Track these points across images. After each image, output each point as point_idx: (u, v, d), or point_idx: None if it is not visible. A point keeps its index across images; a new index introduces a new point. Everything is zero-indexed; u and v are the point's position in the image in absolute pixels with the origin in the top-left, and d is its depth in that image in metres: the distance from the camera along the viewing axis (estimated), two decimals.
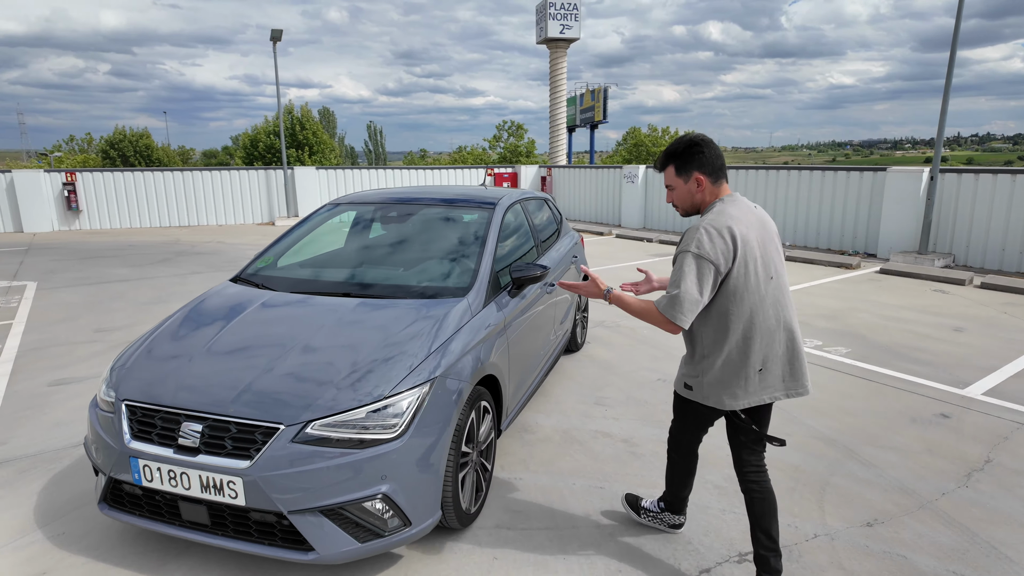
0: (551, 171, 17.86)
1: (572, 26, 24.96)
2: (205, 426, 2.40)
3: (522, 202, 4.40)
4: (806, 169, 11.73)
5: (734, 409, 2.31)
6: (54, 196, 14.97)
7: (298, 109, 38.10)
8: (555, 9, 24.45)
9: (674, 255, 2.23)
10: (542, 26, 25.28)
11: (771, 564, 2.38)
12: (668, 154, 2.29)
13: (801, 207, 11.66)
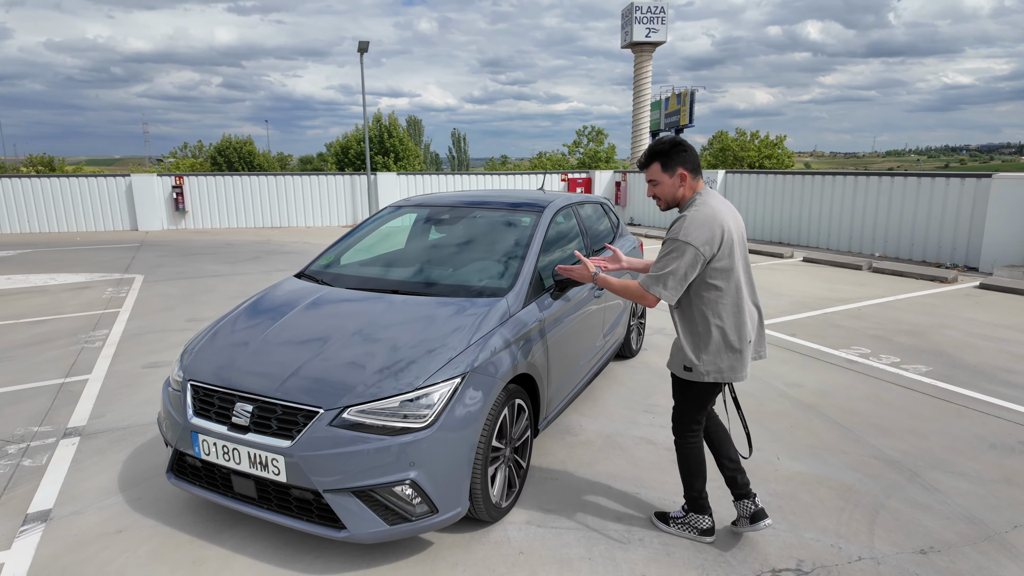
0: (626, 176, 17.67)
1: (658, 30, 24.54)
2: (255, 407, 2.62)
3: (575, 206, 4.43)
4: (899, 175, 10.98)
5: (733, 382, 2.59)
6: (164, 198, 16.43)
7: (386, 118, 39.81)
8: (641, 13, 24.12)
9: (664, 239, 2.53)
10: (627, 30, 25.01)
11: (739, 480, 2.78)
12: (654, 152, 2.56)
13: (893, 216, 10.91)
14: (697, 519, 2.84)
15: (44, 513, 3.07)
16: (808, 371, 5.13)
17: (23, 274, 9.88)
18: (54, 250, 12.78)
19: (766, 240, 13.36)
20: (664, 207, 2.67)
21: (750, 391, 4.66)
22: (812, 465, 3.56)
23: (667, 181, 2.57)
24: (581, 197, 4.75)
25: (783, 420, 4.17)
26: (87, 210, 16.21)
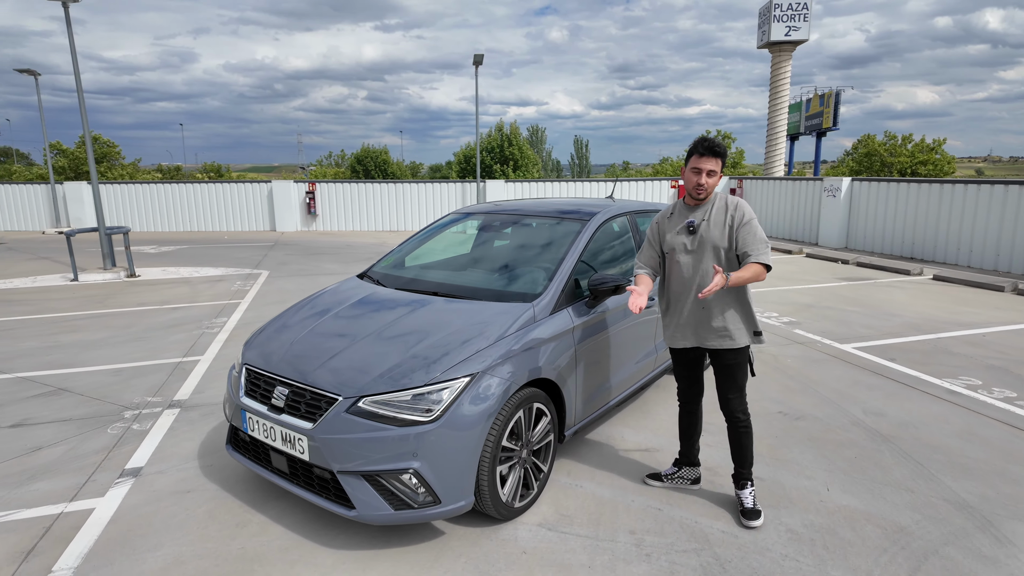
0: (742, 183, 16.81)
1: (800, 27, 22.99)
2: (290, 391, 2.93)
3: (633, 215, 4.39)
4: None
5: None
6: (299, 202, 18.16)
7: (507, 127, 40.93)
8: (781, 11, 22.70)
9: (736, 224, 2.88)
10: (764, 30, 23.68)
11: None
12: (722, 151, 2.85)
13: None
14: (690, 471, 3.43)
15: (136, 470, 3.62)
16: (896, 400, 4.66)
17: (176, 267, 11.43)
18: (206, 247, 14.60)
19: (892, 255, 12.13)
20: (704, 196, 2.94)
21: (819, 415, 4.35)
22: (866, 500, 3.27)
23: (718, 176, 2.90)
24: (645, 206, 4.70)
25: (847, 450, 3.85)
26: (236, 212, 18.32)
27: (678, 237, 2.99)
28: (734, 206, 2.92)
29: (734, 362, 3.02)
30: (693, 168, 2.89)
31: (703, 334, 3.01)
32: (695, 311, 2.99)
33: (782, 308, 7.66)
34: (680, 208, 3.07)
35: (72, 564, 2.75)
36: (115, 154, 43.61)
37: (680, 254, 2.98)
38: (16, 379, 5.22)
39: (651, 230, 3.15)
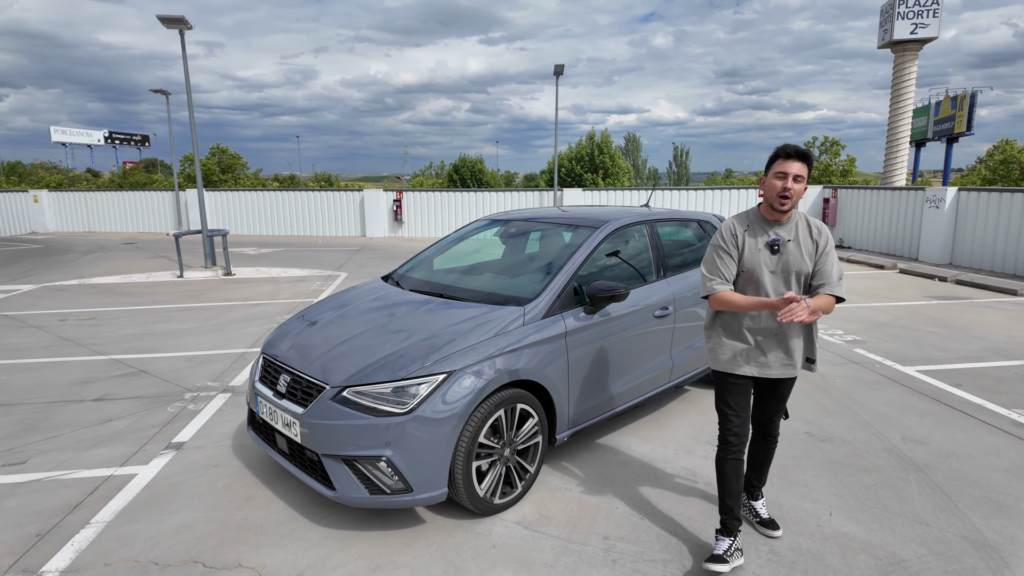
0: (836, 192, 15.76)
1: (928, 24, 20.94)
2: (291, 378, 3.22)
3: (652, 224, 4.36)
4: None
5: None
6: (387, 209, 19.14)
7: (599, 135, 40.77)
8: (906, 7, 20.77)
9: (820, 250, 2.65)
10: (886, 28, 21.81)
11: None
12: (810, 157, 2.57)
13: None
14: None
15: (180, 444, 4.07)
16: (946, 428, 4.28)
17: (267, 267, 12.46)
18: (300, 249, 15.77)
19: (997, 271, 10.92)
20: (788, 208, 2.59)
21: (849, 439, 4.09)
22: (869, 529, 3.08)
23: (805, 184, 2.60)
24: (670, 214, 4.64)
25: (868, 477, 3.61)
26: (332, 218, 19.61)
27: (759, 255, 2.64)
28: (818, 229, 2.67)
29: (789, 390, 2.88)
30: (778, 173, 2.54)
31: (770, 363, 2.73)
32: (769, 338, 2.70)
33: (850, 326, 7.18)
34: (757, 220, 2.70)
35: (106, 519, 3.18)
36: (240, 164, 47.91)
37: (763, 274, 2.64)
38: (109, 360, 5.99)
39: (724, 241, 2.70)
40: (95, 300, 9.15)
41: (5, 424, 4.43)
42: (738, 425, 2.77)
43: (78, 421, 4.47)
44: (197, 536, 3.03)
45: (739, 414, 2.78)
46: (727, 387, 2.79)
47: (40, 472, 3.69)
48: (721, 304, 2.65)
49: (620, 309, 3.77)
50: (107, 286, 10.34)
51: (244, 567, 2.80)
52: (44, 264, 13.16)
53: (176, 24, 10.46)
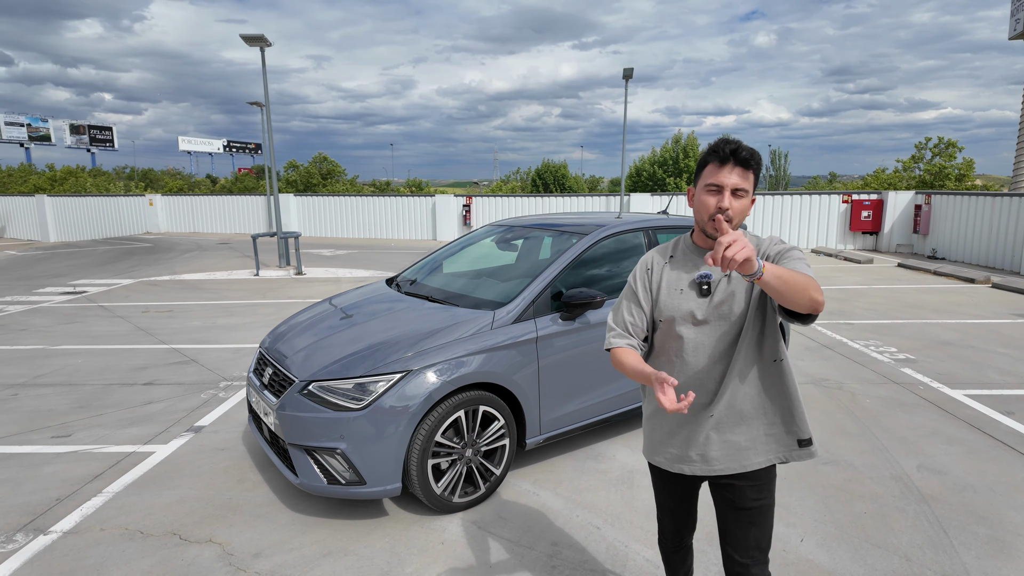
0: (930, 199, 14.48)
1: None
2: (273, 371, 3.47)
3: (650, 230, 4.27)
4: None
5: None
6: (457, 214, 19.65)
7: (685, 138, 39.67)
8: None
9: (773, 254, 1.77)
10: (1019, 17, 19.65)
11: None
12: (758, 160, 1.77)
13: None
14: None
15: (199, 428, 4.46)
16: (974, 459, 3.90)
17: (336, 268, 13.18)
18: (371, 252, 16.52)
19: None
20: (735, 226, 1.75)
21: (856, 463, 3.83)
22: (840, 560, 2.89)
23: (750, 199, 1.80)
24: (676, 221, 4.53)
25: (860, 504, 3.37)
26: (405, 222, 20.39)
27: (682, 298, 1.85)
28: (766, 248, 1.80)
29: (757, 501, 1.87)
30: (709, 186, 1.76)
31: (711, 451, 1.87)
32: (703, 413, 1.86)
33: (908, 343, 6.63)
34: (686, 250, 1.91)
35: (115, 490, 3.56)
36: (338, 171, 50.82)
37: (684, 326, 1.84)
38: (169, 349, 6.62)
39: (636, 279, 1.94)
40: (178, 294, 10.08)
41: (66, 401, 5.03)
42: (670, 530, 2.12)
43: (124, 402, 5.00)
44: (185, 511, 3.33)
45: (672, 517, 2.09)
46: (657, 483, 2.09)
47: (79, 445, 4.18)
48: (616, 366, 1.86)
49: (601, 317, 3.75)
50: (192, 282, 11.36)
51: (213, 542, 3.05)
52: (148, 261, 14.62)
53: (257, 42, 11.33)
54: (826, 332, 7.16)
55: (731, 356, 1.83)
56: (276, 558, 2.92)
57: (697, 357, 1.85)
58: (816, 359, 6.08)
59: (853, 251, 15.24)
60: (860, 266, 13.00)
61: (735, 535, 1.89)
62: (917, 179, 39.35)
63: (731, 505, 1.90)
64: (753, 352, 1.83)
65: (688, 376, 1.86)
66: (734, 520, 1.90)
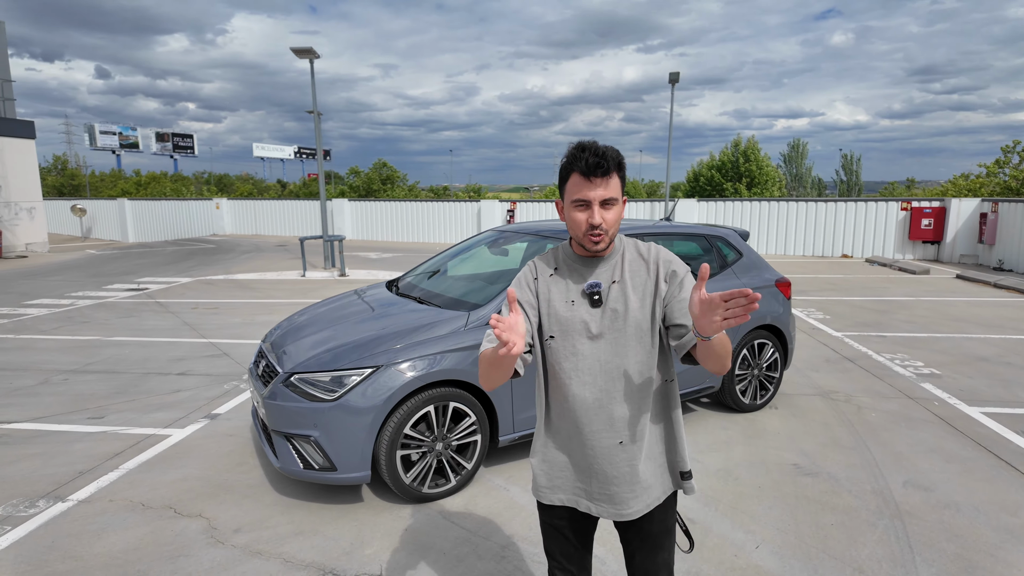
0: (997, 206, 13.61)
1: None
2: (266, 363, 3.76)
3: (639, 237, 4.34)
4: None
5: None
6: (502, 218, 19.91)
7: (745, 142, 38.65)
8: None
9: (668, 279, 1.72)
10: None
11: None
12: (619, 161, 1.67)
13: None
14: None
15: (215, 415, 4.84)
16: (968, 477, 3.75)
17: (378, 271, 13.66)
18: (416, 255, 17.00)
19: None
20: (604, 245, 1.70)
21: (839, 476, 3.77)
22: (789, 567, 2.89)
23: (620, 203, 1.71)
24: (670, 228, 4.57)
25: (831, 516, 3.33)
26: (452, 226, 20.84)
27: (574, 311, 1.72)
28: (654, 255, 1.76)
29: (660, 528, 1.82)
30: (576, 201, 1.66)
31: (609, 488, 1.74)
32: (600, 446, 1.73)
33: (937, 357, 6.34)
34: (567, 260, 1.79)
35: (131, 467, 3.94)
36: (397, 176, 52.35)
37: (579, 339, 1.72)
38: (207, 343, 7.12)
39: (523, 284, 1.80)
40: (228, 292, 10.76)
41: (107, 387, 5.54)
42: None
43: (156, 390, 5.46)
44: (184, 488, 3.66)
45: (567, 561, 1.89)
46: (548, 522, 1.89)
47: (108, 426, 4.62)
48: (480, 366, 1.69)
49: None
50: (244, 281, 12.07)
51: (203, 517, 3.35)
52: (208, 261, 15.60)
53: (306, 54, 11.96)
54: (852, 344, 6.94)
55: (629, 376, 1.71)
56: (253, 534, 3.18)
57: (595, 377, 1.70)
58: (832, 371, 5.92)
59: (910, 261, 14.50)
60: (914, 277, 12.38)
61: (644, 565, 1.85)
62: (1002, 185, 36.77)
63: (639, 535, 1.82)
64: (651, 370, 1.73)
65: (579, 396, 1.71)
66: (643, 549, 1.83)
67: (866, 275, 12.77)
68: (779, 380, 4.93)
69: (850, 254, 16.15)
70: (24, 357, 6.58)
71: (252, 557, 2.98)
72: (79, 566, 2.91)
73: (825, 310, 8.93)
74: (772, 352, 4.82)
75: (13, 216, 17.82)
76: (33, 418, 4.80)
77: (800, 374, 5.83)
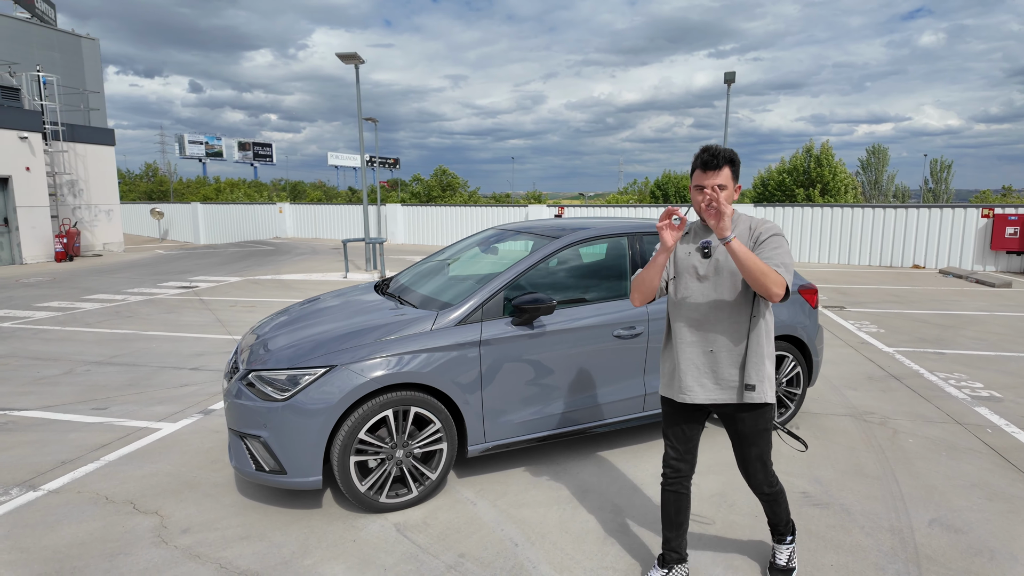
0: None
1: None
2: (235, 361, 3.67)
3: (634, 236, 3.99)
4: None
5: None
6: None
7: (818, 147, 37.05)
8: None
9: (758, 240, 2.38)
10: None
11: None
12: (730, 158, 2.36)
13: None
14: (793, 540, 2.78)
15: (209, 411, 4.83)
16: (1012, 519, 3.20)
17: None
18: None
19: None
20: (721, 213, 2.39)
21: (854, 510, 3.30)
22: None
23: (731, 188, 2.37)
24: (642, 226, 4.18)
25: (833, 556, 2.89)
26: None
27: (689, 260, 2.46)
28: (758, 226, 2.42)
29: (753, 427, 2.45)
30: (696, 186, 2.35)
31: (709, 385, 2.43)
32: (700, 353, 2.44)
33: (1002, 379, 5.60)
34: (697, 228, 2.53)
35: (111, 459, 3.95)
36: (458, 184, 53.12)
37: (690, 280, 2.45)
38: (230, 340, 7.24)
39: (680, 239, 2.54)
40: (269, 292, 11.02)
41: (122, 379, 5.67)
42: (674, 458, 2.57)
43: (166, 383, 5.54)
44: (151, 483, 3.62)
45: (674, 445, 2.57)
46: (666, 413, 2.61)
47: (107, 417, 4.69)
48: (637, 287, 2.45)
49: (559, 323, 3.56)
50: (288, 281, 12.36)
51: (157, 514, 3.28)
52: (263, 262, 16.14)
53: (351, 60, 12.16)
54: (903, 361, 6.26)
55: (722, 307, 2.39)
56: (200, 535, 3.07)
57: (698, 306, 2.43)
58: (872, 390, 5.32)
59: (991, 273, 13.18)
60: (992, 290, 11.21)
61: (742, 455, 2.54)
62: None
63: (735, 433, 2.52)
64: (738, 306, 2.38)
65: (689, 318, 2.45)
66: (738, 444, 2.53)
67: (936, 287, 11.67)
68: (801, 397, 4.44)
69: (922, 264, 14.88)
70: (60, 348, 6.88)
71: (189, 560, 2.87)
72: (22, 558, 2.88)
73: (880, 323, 8.16)
74: (793, 366, 4.35)
75: (92, 217, 19.09)
76: (43, 406, 4.95)
77: (834, 391, 5.27)
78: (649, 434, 4.33)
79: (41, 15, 20.78)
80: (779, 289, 2.20)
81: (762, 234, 2.38)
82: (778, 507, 2.63)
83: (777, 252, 2.30)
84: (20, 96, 17.33)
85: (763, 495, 2.59)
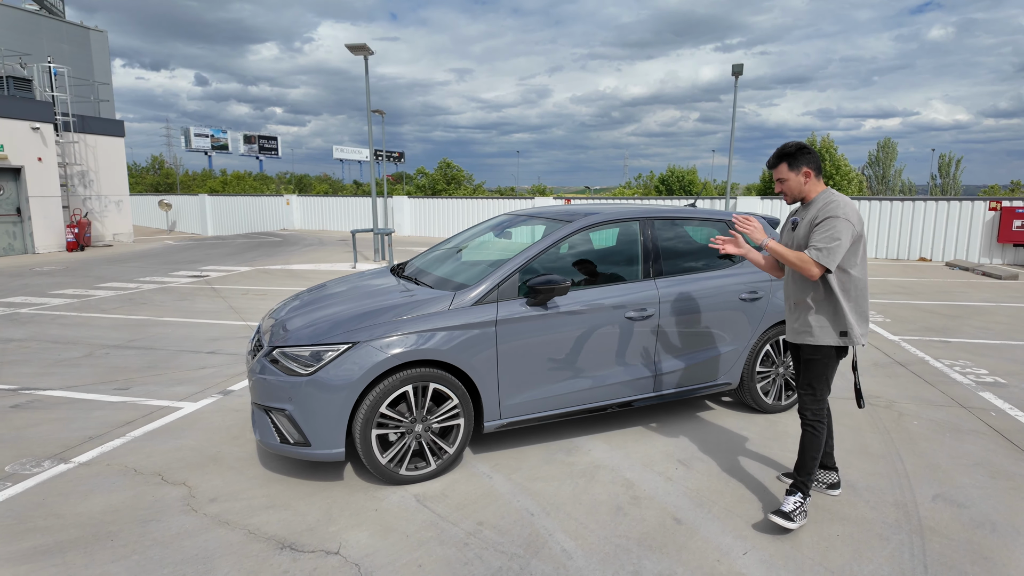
0: None
1: None
2: (257, 340, 3.78)
3: (646, 220, 4.09)
4: None
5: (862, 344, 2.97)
6: None
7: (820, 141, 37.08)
8: None
9: (814, 221, 2.87)
10: None
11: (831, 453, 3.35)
12: (780, 155, 2.97)
13: None
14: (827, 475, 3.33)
15: (228, 391, 4.95)
16: (1014, 495, 3.29)
17: None
18: None
19: None
20: (790, 202, 3.06)
21: (858, 486, 3.40)
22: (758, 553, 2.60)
23: (793, 179, 2.96)
24: (677, 212, 4.28)
25: (839, 527, 2.99)
26: None
27: (786, 231, 3.15)
28: (823, 207, 2.88)
29: (810, 357, 3.02)
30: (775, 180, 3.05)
31: (790, 328, 3.11)
32: (789, 306, 3.14)
33: (1005, 366, 5.67)
34: (796, 207, 3.15)
35: (137, 435, 4.08)
36: (462, 177, 53.16)
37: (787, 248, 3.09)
38: (243, 325, 7.36)
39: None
40: (279, 280, 11.14)
41: (141, 361, 5.80)
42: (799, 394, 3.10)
43: (184, 366, 5.67)
44: (177, 457, 3.74)
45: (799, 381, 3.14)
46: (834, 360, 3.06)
47: (130, 396, 4.82)
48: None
49: (573, 304, 3.66)
50: (297, 271, 12.48)
51: (185, 485, 3.41)
52: (271, 252, 16.27)
53: (361, 51, 12.23)
54: (908, 348, 6.33)
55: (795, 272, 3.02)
56: (227, 504, 3.19)
57: (789, 270, 3.11)
58: (878, 375, 5.41)
59: (998, 265, 13.20)
60: (999, 282, 11.24)
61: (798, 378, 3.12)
62: None
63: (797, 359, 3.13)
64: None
65: (787, 282, 3.14)
66: (798, 369, 3.12)
67: (943, 279, 11.71)
68: None
69: (928, 257, 14.89)
70: (79, 332, 7.02)
71: (219, 526, 2.99)
72: (57, 523, 3.01)
73: (886, 313, 8.23)
74: None
75: (103, 208, 19.25)
76: (67, 386, 5.09)
77: (839, 376, 5.34)
78: (659, 414, 4.43)
79: (50, 7, 20.90)
80: (814, 269, 2.82)
81: (818, 216, 2.86)
82: (807, 444, 3.02)
83: (819, 234, 2.82)
84: (32, 87, 17.47)
85: (803, 419, 3.05)
